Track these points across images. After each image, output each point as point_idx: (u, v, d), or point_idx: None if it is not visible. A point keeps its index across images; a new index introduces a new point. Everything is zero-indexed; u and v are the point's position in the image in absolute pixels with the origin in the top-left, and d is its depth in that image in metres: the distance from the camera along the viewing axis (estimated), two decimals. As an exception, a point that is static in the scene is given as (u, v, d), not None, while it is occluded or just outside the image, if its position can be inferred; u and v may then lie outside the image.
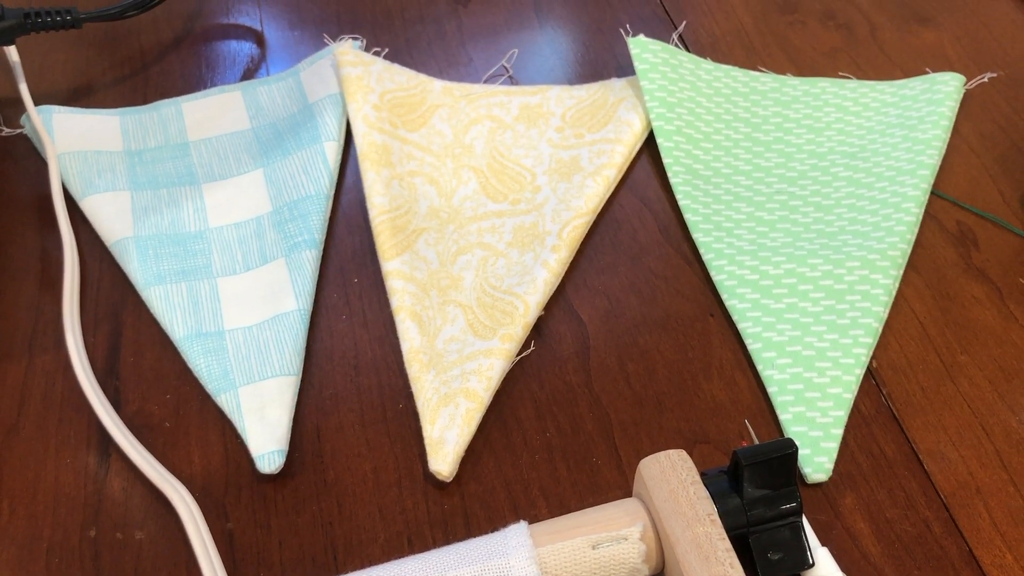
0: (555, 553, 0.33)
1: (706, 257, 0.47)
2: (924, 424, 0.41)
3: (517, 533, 0.34)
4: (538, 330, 0.45)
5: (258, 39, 0.60)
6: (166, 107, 0.55)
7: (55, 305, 0.46)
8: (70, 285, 0.46)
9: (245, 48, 0.60)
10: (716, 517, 0.33)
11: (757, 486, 0.35)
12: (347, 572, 0.35)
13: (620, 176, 0.51)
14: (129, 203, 0.49)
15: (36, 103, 0.54)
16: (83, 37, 0.60)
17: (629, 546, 0.33)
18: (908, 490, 0.39)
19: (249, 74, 0.58)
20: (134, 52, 0.59)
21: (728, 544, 0.32)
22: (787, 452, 0.35)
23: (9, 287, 0.47)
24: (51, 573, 0.38)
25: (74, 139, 0.52)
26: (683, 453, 0.35)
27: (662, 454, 0.35)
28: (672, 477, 0.34)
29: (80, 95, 0.57)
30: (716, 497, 0.34)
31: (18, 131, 0.54)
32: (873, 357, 0.44)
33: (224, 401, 0.42)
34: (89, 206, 0.49)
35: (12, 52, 0.54)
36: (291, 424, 0.41)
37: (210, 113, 0.55)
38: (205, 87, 0.57)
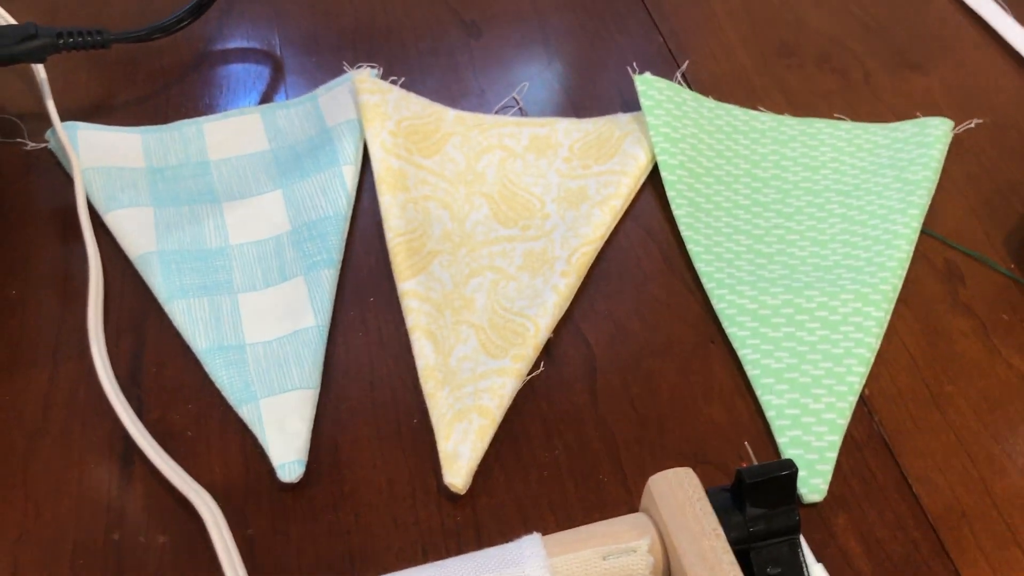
0: (567, 563, 0.35)
1: (707, 286, 0.49)
2: (913, 450, 0.44)
3: (531, 543, 0.35)
4: (547, 351, 0.47)
5: (276, 64, 0.62)
6: (187, 127, 0.57)
7: (79, 315, 0.48)
8: (94, 296, 0.47)
9: (264, 72, 0.62)
10: (720, 532, 0.35)
11: (758, 504, 0.37)
12: (365, 578, 0.37)
13: (626, 206, 0.54)
14: (152, 218, 0.51)
15: (60, 119, 0.56)
16: (106, 57, 0.62)
17: (638, 558, 0.35)
18: (898, 512, 0.41)
19: (267, 97, 0.60)
20: (156, 73, 0.61)
21: (732, 557, 0.34)
22: (787, 472, 0.36)
23: (33, 297, 0.49)
24: (75, 574, 0.39)
25: (98, 155, 0.54)
26: (690, 471, 0.37)
27: (670, 472, 0.37)
28: (679, 493, 0.36)
29: (102, 113, 0.58)
30: (720, 513, 0.36)
31: (42, 145, 0.56)
32: (865, 386, 0.46)
33: (246, 412, 0.43)
34: (113, 220, 0.51)
35: (40, 69, 0.56)
36: (310, 436, 0.43)
37: (230, 134, 0.57)
38: (224, 109, 0.59)
